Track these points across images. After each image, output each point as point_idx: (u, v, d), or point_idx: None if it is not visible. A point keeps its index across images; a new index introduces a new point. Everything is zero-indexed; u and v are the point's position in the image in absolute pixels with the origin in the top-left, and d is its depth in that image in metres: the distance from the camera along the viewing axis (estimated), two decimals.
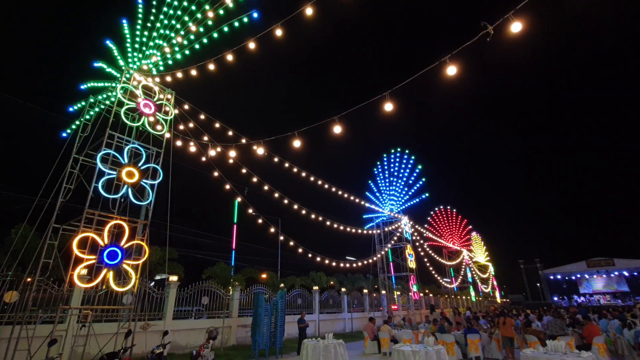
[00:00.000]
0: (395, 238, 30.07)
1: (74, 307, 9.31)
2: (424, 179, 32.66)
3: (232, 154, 14.09)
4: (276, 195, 18.06)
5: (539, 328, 12.57)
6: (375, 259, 27.95)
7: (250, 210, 16.52)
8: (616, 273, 55.20)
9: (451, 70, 7.52)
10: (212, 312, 13.85)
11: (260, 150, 13.33)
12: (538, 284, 61.27)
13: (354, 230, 25.70)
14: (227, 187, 15.43)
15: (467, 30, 7.07)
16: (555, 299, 56.97)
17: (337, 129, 9.78)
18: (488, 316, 18.26)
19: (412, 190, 32.46)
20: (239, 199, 16.53)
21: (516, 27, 6.55)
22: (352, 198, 25.80)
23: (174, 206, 11.83)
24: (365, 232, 27.33)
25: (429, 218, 47.69)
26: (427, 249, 36.70)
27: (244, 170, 16.09)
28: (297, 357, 10.55)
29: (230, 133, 14.34)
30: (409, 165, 32.51)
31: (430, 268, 36.66)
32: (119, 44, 12.40)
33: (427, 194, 33.14)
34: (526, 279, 63.11)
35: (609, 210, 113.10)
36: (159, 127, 11.36)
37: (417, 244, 34.10)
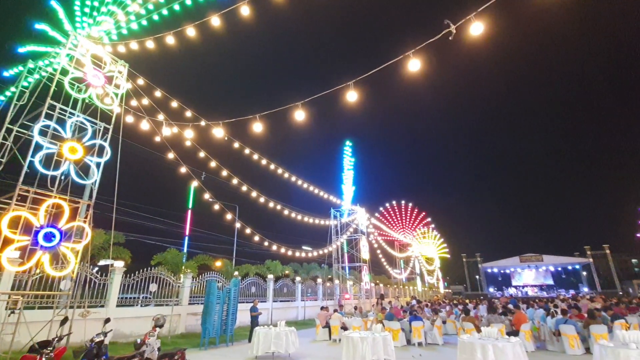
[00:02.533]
0: (351, 230, 30.87)
1: (1, 292, 8.45)
2: (353, 172, 33.51)
3: (189, 135, 13.46)
4: (235, 181, 17.66)
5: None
6: (331, 249, 28.53)
7: (207, 196, 16.01)
8: (544, 268, 61.75)
9: (414, 65, 7.68)
10: (161, 299, 13.34)
11: (219, 133, 12.80)
12: (477, 277, 66.55)
13: (311, 221, 25.97)
14: (183, 170, 14.79)
15: (433, 27, 7.25)
16: (491, 290, 62.44)
17: (300, 115, 9.68)
18: (432, 305, 19.53)
19: (353, 183, 33.29)
20: (195, 184, 15.92)
21: (477, 28, 6.79)
22: (312, 189, 25.99)
23: (123, 187, 11.09)
24: (322, 222, 27.71)
25: (377, 215, 49.37)
26: (381, 242, 38.17)
27: (201, 154, 15.50)
28: (249, 344, 10.53)
29: (188, 113, 13.69)
30: (350, 157, 33.16)
31: (383, 259, 38.25)
32: (66, 6, 11.18)
33: (354, 186, 34.09)
34: (467, 272, 68.23)
35: (540, 211, 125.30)
36: (108, 101, 10.50)
37: (372, 236, 35.28)
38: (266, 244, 20.20)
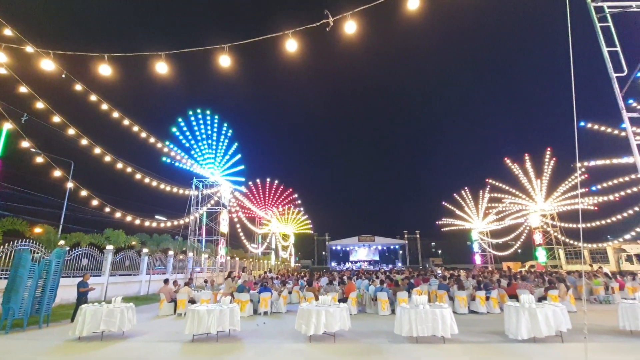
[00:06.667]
0: (212, 202, 29.82)
1: None
2: (237, 144, 32.69)
3: (2, 59, 10.07)
4: (71, 131, 14.46)
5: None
6: (187, 220, 26.92)
7: (27, 144, 12.56)
8: (374, 247, 75.16)
9: (291, 45, 7.84)
10: None
11: (47, 65, 9.89)
12: (324, 252, 75.32)
13: (168, 189, 23.78)
14: None
15: (317, 15, 7.53)
16: (333, 264, 71.92)
17: (162, 68, 8.59)
18: (281, 278, 21.08)
19: (229, 159, 32.39)
20: (9, 126, 12.21)
21: (350, 27, 7.38)
22: (173, 154, 23.73)
23: None
24: (181, 192, 25.76)
25: (237, 191, 48.94)
26: (242, 217, 38.29)
27: (23, 89, 11.97)
28: (71, 325, 9.08)
29: (7, 31, 10.23)
30: (222, 131, 31.63)
31: (241, 234, 38.56)
32: None
33: (243, 166, 33.83)
34: (316, 248, 76.28)
35: (377, 200, 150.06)
36: None
37: (234, 210, 34.97)
38: (107, 210, 17.45)
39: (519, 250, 47.67)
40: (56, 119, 13.44)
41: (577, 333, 7.79)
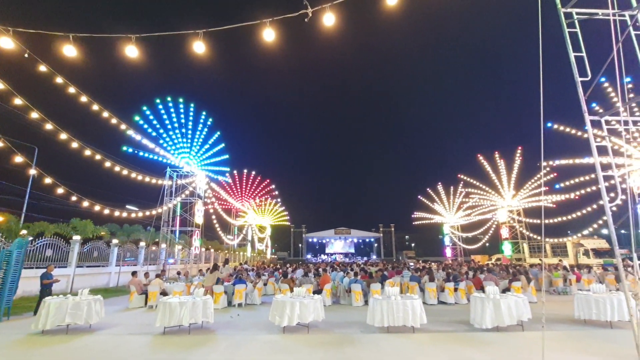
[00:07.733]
0: (187, 192, 29.09)
1: None
2: (218, 133, 31.84)
3: None
4: (34, 115, 13.60)
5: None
6: (160, 211, 26.14)
7: None
8: (350, 239, 76.23)
9: (269, 34, 7.64)
10: None
11: (7, 43, 9.07)
12: (300, 245, 75.64)
13: (140, 178, 22.94)
14: None
15: (296, 4, 7.37)
16: (309, 256, 72.43)
17: (133, 52, 8.16)
18: (256, 269, 21.02)
19: (210, 148, 31.62)
20: None
21: (329, 18, 7.28)
22: (145, 142, 22.88)
23: None
24: (154, 181, 24.91)
25: (224, 179, 48.20)
26: (218, 208, 37.61)
27: None
28: (34, 318, 8.69)
29: None
30: (200, 120, 30.45)
31: (217, 225, 37.92)
32: None
33: (227, 156, 33.36)
34: (293, 240, 76.47)
35: (354, 194, 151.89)
36: None
37: (209, 201, 34.27)
38: (74, 198, 16.63)
39: (487, 244, 49.79)
40: (18, 101, 12.60)
41: (537, 322, 8.28)
